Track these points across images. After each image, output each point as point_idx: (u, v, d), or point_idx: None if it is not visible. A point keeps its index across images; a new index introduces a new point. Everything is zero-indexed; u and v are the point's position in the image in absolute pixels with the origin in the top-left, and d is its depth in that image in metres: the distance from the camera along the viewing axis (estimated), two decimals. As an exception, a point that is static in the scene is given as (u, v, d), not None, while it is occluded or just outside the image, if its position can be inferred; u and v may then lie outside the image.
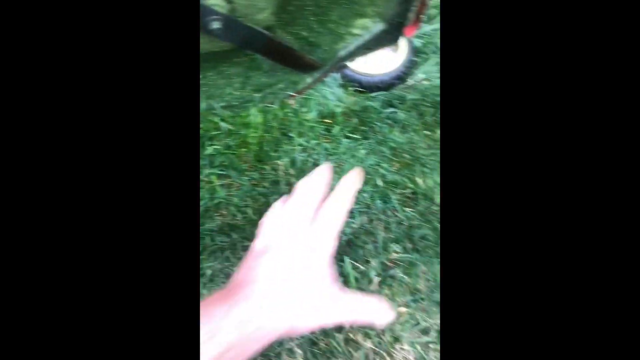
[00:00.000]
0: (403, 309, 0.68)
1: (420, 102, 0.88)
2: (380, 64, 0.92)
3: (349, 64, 0.90)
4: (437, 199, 0.78)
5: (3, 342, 0.22)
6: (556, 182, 0.23)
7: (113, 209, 0.24)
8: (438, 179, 0.80)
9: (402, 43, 0.90)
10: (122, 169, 0.25)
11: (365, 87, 0.90)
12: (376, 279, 0.70)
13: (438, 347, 0.65)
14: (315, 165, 0.84)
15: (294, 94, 0.97)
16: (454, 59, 0.25)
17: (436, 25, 0.96)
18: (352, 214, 0.77)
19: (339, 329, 0.66)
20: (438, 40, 0.94)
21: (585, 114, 0.23)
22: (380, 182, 0.81)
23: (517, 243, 0.24)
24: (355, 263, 0.72)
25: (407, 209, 0.78)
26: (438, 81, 0.90)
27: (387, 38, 0.94)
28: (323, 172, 0.41)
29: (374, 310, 0.36)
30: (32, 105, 0.23)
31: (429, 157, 0.82)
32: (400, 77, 0.90)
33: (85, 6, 0.24)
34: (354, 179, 0.40)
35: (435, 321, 0.67)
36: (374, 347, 0.65)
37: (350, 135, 0.85)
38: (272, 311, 0.35)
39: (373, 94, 0.90)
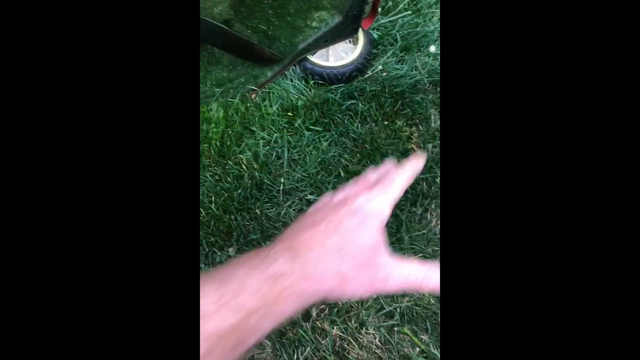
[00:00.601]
0: (368, 295, 0.70)
1: (379, 94, 0.90)
2: (339, 56, 0.93)
3: (309, 56, 0.91)
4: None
5: (3, 341, 0.22)
6: (554, 178, 0.23)
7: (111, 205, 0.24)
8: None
9: (360, 35, 0.92)
10: (124, 168, 0.25)
11: (326, 79, 0.91)
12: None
13: (402, 329, 0.67)
14: (279, 158, 0.85)
15: (255, 88, 0.96)
16: (454, 57, 0.25)
17: (393, 17, 0.98)
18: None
19: (306, 317, 0.68)
20: (395, 32, 0.96)
21: (583, 114, 0.23)
22: (343, 173, 0.82)
23: (517, 240, 0.24)
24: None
25: (369, 198, 0.80)
26: (396, 72, 0.93)
27: (345, 30, 0.95)
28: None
29: (423, 276, 0.30)
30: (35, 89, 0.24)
31: (389, 147, 0.85)
32: (359, 69, 0.91)
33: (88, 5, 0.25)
34: (419, 161, 0.36)
35: (399, 305, 0.70)
36: (340, 334, 0.67)
37: (312, 127, 0.86)
38: (310, 266, 0.28)
39: (333, 86, 0.91)
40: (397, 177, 0.33)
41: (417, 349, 0.66)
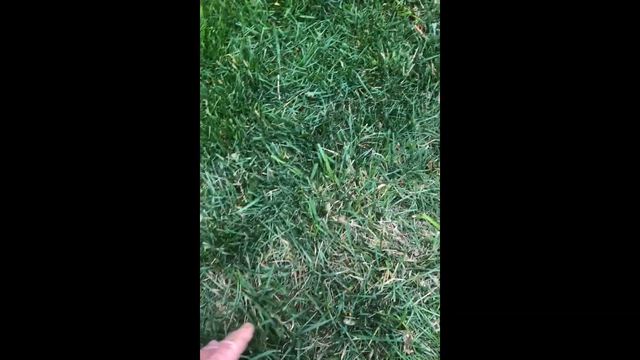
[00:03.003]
0: (382, 185, 0.67)
1: (374, -29, 0.80)
2: None
3: None
4: (404, 73, 0.74)
5: (4, 342, 0.23)
6: (548, 172, 0.25)
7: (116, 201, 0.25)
8: (402, 52, 0.76)
9: None
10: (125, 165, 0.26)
11: (313, -41, 0.80)
12: (351, 162, 0.68)
13: (420, 215, 0.66)
14: (271, 54, 0.77)
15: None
16: (455, 54, 0.26)
17: None
18: (319, 101, 0.73)
19: (322, 213, 0.65)
20: None
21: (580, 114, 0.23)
22: (343, 64, 0.75)
23: (517, 233, 0.26)
24: (329, 150, 0.70)
25: (374, 88, 0.74)
26: (391, -56, 0.81)
27: None
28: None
29: None
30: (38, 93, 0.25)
31: (390, 30, 0.77)
32: (350, -57, 0.80)
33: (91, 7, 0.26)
34: (249, 331, 0.52)
35: (414, 192, 0.67)
36: (358, 226, 0.65)
37: (304, 16, 0.77)
38: None
39: (322, -33, 0.80)
40: (233, 343, 0.46)
41: (438, 232, 0.65)
